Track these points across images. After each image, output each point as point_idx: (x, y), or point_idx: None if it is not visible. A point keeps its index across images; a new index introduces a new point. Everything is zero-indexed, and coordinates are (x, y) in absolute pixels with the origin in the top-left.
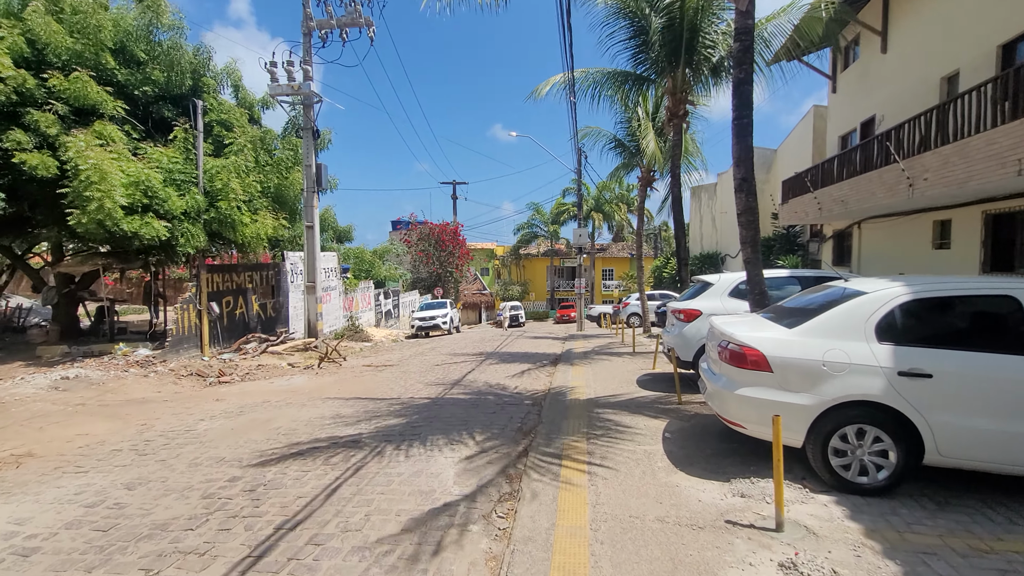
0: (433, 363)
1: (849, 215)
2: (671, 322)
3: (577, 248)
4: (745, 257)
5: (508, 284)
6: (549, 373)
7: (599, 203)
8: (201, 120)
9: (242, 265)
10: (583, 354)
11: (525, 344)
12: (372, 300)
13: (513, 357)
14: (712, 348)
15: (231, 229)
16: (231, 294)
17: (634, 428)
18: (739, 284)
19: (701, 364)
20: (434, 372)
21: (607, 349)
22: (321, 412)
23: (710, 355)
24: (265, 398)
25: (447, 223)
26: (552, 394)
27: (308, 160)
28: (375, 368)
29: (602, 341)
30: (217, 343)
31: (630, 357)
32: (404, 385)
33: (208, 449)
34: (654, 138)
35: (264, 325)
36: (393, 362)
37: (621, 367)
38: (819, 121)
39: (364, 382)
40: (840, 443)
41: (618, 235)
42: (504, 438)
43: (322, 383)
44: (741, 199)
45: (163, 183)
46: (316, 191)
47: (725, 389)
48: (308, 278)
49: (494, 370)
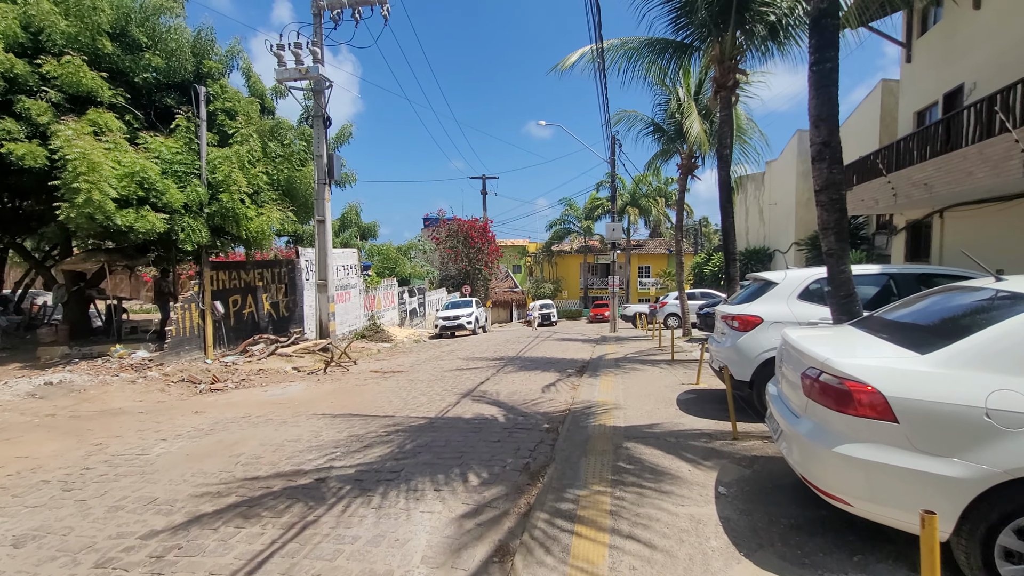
0: (446, 369)
1: (932, 201)
2: (721, 330)
3: (611, 243)
4: (827, 248)
5: (540, 282)
6: (573, 385)
7: (635, 197)
8: (204, 107)
9: (251, 262)
10: (614, 362)
11: (552, 347)
12: (395, 298)
13: (536, 363)
14: (788, 372)
15: (234, 223)
16: (239, 292)
17: (675, 475)
18: (811, 283)
19: (769, 390)
20: (443, 381)
21: (642, 355)
22: (299, 433)
23: (784, 380)
24: (248, 411)
25: (476, 219)
26: (573, 416)
27: (319, 150)
28: (382, 375)
29: (637, 345)
30: (222, 344)
31: (668, 367)
32: (406, 398)
33: (146, 484)
34: (698, 119)
35: (276, 325)
36: (404, 368)
37: (658, 380)
38: (888, 97)
39: (364, 392)
40: (1015, 541)
41: (655, 231)
42: (505, 483)
43: (318, 393)
44: (822, 171)
45: (161, 174)
46: (328, 183)
47: (814, 441)
48: (319, 276)
49: (511, 380)
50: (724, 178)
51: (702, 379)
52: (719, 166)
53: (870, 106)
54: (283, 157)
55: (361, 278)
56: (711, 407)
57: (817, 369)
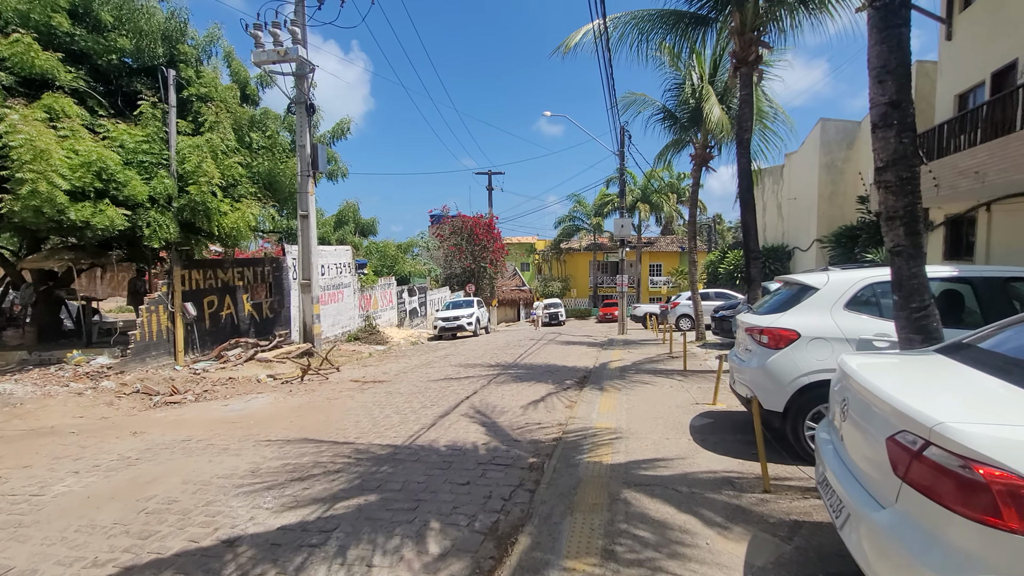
0: (434, 379)
1: (981, 192)
2: (745, 345)
3: (619, 240)
4: (893, 244)
5: (548, 280)
6: (570, 402)
7: (646, 193)
8: (172, 92)
9: (230, 260)
10: (620, 372)
11: (554, 352)
12: (394, 298)
13: (533, 372)
14: (856, 424)
15: (205, 218)
16: (215, 293)
17: (689, 547)
18: (862, 289)
19: (820, 436)
20: (426, 394)
21: (651, 364)
22: (236, 466)
23: (848, 431)
24: (193, 433)
25: (480, 215)
26: (564, 447)
27: (302, 139)
28: (361, 385)
29: (646, 351)
30: (195, 349)
31: (680, 379)
32: (377, 416)
33: (10, 545)
34: (717, 103)
35: (259, 327)
36: (388, 376)
37: (668, 397)
38: (922, 80)
39: (333, 409)
40: None
41: (667, 228)
42: (464, 554)
43: (283, 408)
44: (887, 140)
45: (124, 165)
46: (311, 175)
47: (915, 558)
48: (303, 275)
49: (501, 394)
50: (744, 166)
51: (720, 397)
52: (738, 152)
53: None
54: (266, 148)
55: (356, 277)
56: (733, 438)
57: (918, 437)
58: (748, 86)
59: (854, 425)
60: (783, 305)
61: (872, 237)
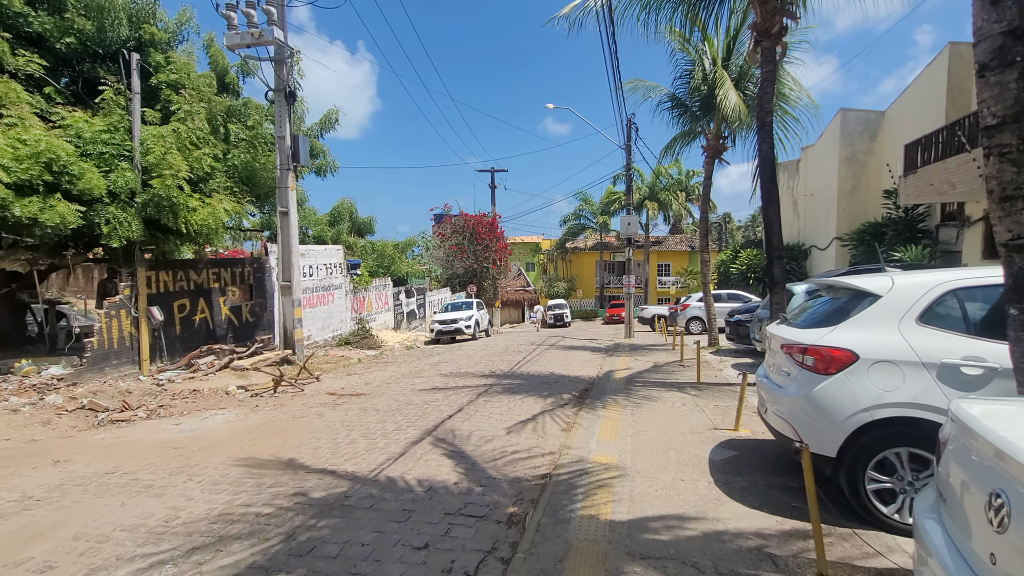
0: (419, 389)
1: None
2: (780, 366)
3: (626, 239)
4: (1012, 235)
5: (553, 280)
6: (566, 423)
7: (654, 190)
8: (136, 78)
9: (204, 260)
10: (625, 384)
11: (554, 359)
12: (390, 299)
13: (528, 383)
14: (990, 527)
15: (171, 214)
16: (187, 296)
17: None
18: (943, 297)
19: (923, 518)
20: (404, 412)
21: (660, 374)
22: (150, 513)
23: (969, 524)
24: (124, 462)
25: (483, 214)
26: (554, 492)
27: (281, 130)
28: (336, 399)
29: (654, 357)
30: (162, 357)
31: (694, 394)
32: (342, 440)
33: None
34: (732, 88)
35: (238, 332)
36: (369, 388)
37: (681, 419)
38: (957, 64)
39: (295, 430)
40: None
41: (675, 226)
42: None
43: (241, 428)
44: (1005, 88)
45: (80, 156)
46: (292, 168)
47: None
48: (283, 276)
49: (489, 411)
50: (766, 152)
51: (743, 419)
52: (759, 137)
53: (933, 76)
54: (247, 141)
55: (347, 278)
56: (764, 481)
57: None
58: (771, 62)
59: (988, 507)
60: (831, 317)
61: (900, 234)
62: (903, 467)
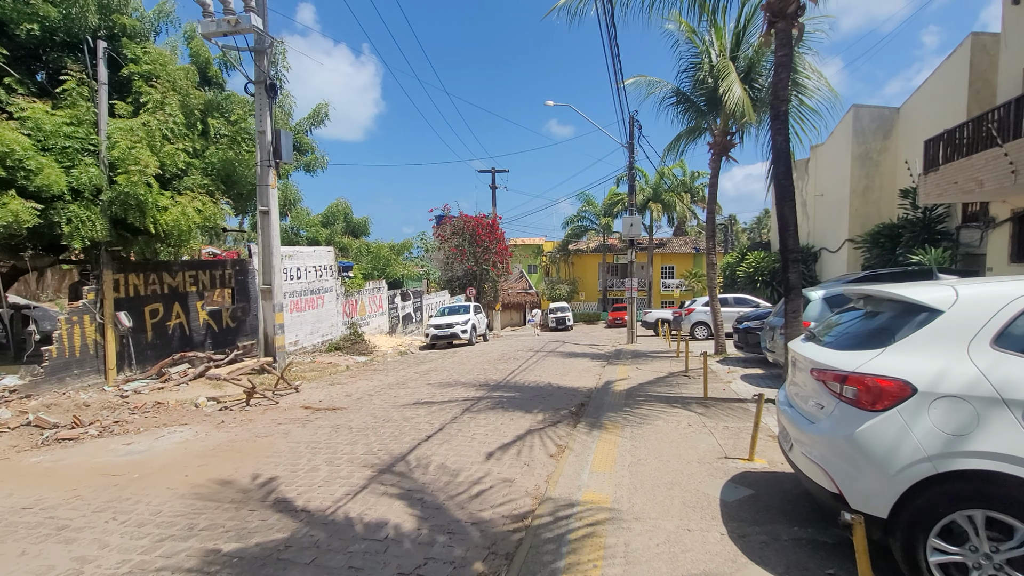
0: (402, 404)
1: None
2: (809, 395)
3: (628, 241)
4: None
5: (555, 283)
6: (556, 447)
7: (657, 192)
8: (103, 66)
9: (180, 262)
10: (625, 397)
11: (552, 367)
12: (384, 303)
13: (521, 396)
14: None
15: (138, 213)
16: (160, 300)
17: None
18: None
19: None
20: (379, 431)
21: (663, 386)
22: (38, 570)
23: None
24: (48, 494)
25: (483, 215)
26: (532, 548)
27: (261, 124)
28: (310, 414)
29: (657, 366)
30: (131, 365)
31: (700, 411)
32: (303, 467)
33: None
34: (738, 81)
35: (218, 338)
36: (348, 401)
37: (686, 444)
38: (979, 56)
39: (255, 452)
40: None
41: (679, 228)
42: None
43: (194, 450)
44: None
45: (37, 150)
46: (273, 165)
47: None
48: (263, 279)
49: (472, 431)
50: (781, 145)
51: (758, 445)
52: (773, 128)
53: (954, 68)
54: (229, 137)
55: (339, 280)
56: (789, 534)
57: None
58: (786, 45)
59: None
60: (874, 336)
61: (917, 236)
62: (977, 535)
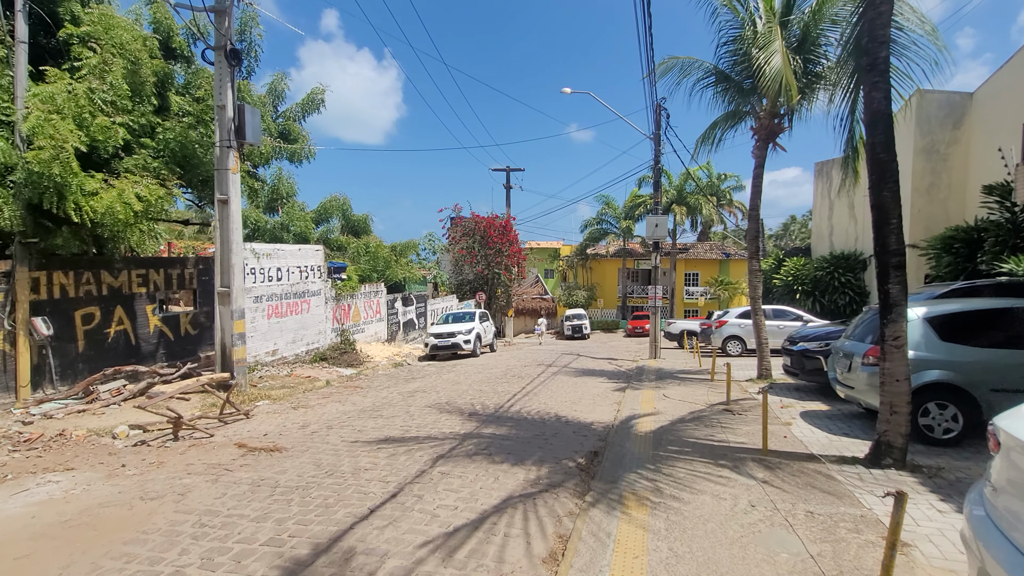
0: (363, 442)
1: None
2: None
3: (653, 244)
4: None
5: (572, 289)
6: (551, 542)
7: (681, 194)
8: (24, 23)
9: (123, 259)
10: (652, 447)
11: (561, 389)
12: (383, 308)
13: (517, 436)
14: None
15: (56, 197)
16: (97, 303)
17: None
18: None
19: None
20: (310, 495)
21: (702, 428)
22: None
23: None
24: None
25: (495, 215)
26: None
27: (221, 98)
28: (240, 456)
29: (689, 393)
30: (52, 381)
31: (763, 476)
32: (160, 572)
33: None
34: (782, 50)
35: (174, 348)
36: (298, 437)
37: (758, 549)
38: None
39: (115, 532)
40: None
41: (703, 233)
42: None
43: (43, 521)
44: None
45: None
46: (234, 146)
47: None
48: (221, 281)
49: (437, 500)
50: (879, 104)
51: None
52: (868, 84)
53: None
54: (193, 115)
55: (328, 282)
56: None
57: None
58: None
59: None
60: None
61: (1005, 241)
62: None
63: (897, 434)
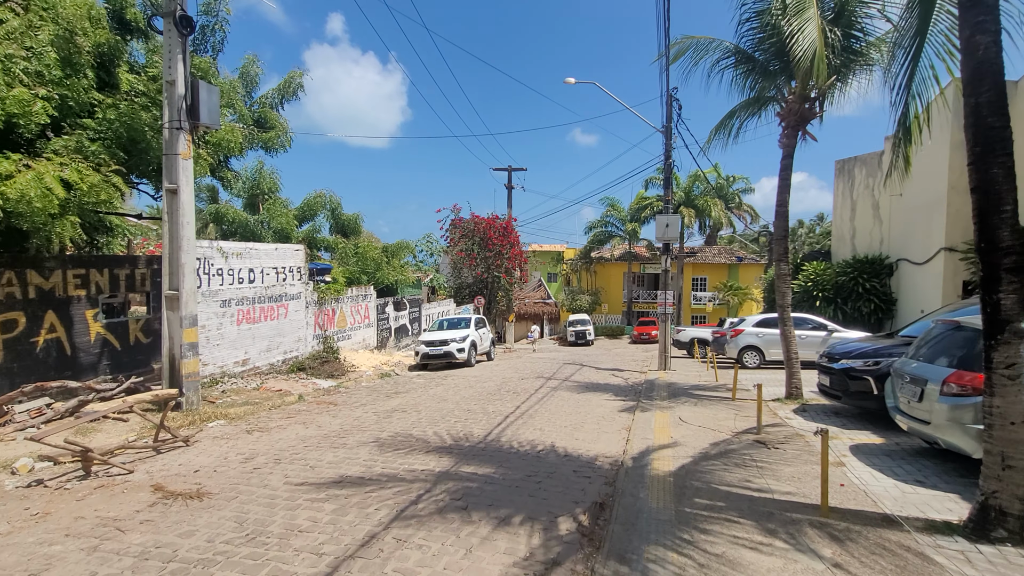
0: (313, 484)
1: None
2: None
3: (663, 245)
4: None
5: (576, 293)
6: None
7: (689, 196)
8: None
9: (56, 257)
10: (676, 497)
11: (561, 410)
12: (372, 313)
13: (503, 480)
14: None
15: None
16: (22, 308)
17: None
18: None
19: None
20: (211, 569)
21: (735, 471)
22: None
23: None
24: None
25: (495, 216)
26: None
27: (171, 73)
28: (148, 504)
29: (709, 417)
30: None
31: (830, 553)
32: None
33: None
34: (818, 19)
35: (121, 359)
36: (231, 477)
37: None
38: None
39: None
40: None
41: (711, 237)
42: None
43: None
44: None
45: None
46: (185, 128)
47: None
48: (169, 282)
49: None
50: (986, 52)
51: None
52: (970, 26)
53: None
54: (146, 95)
55: (310, 285)
56: None
57: None
58: None
59: None
60: None
61: None
62: None
63: (1014, 497)
